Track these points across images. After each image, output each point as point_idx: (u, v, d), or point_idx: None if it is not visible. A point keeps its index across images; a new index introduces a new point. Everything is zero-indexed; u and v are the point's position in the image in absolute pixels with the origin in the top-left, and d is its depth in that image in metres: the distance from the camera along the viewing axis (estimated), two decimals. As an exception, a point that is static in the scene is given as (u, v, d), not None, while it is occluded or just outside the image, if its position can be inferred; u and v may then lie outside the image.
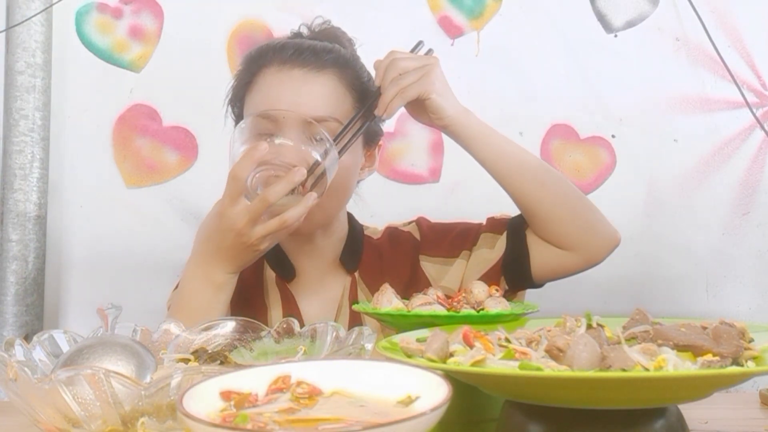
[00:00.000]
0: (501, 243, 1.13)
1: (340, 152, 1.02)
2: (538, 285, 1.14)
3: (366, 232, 1.21)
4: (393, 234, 1.21)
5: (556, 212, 1.07)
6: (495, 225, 1.16)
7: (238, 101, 1.14)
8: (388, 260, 1.17)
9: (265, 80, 1.08)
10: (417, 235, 1.19)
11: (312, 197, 0.96)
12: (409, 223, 1.23)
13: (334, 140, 1.02)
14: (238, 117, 1.14)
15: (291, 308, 1.13)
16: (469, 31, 1.69)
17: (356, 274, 1.15)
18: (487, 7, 1.69)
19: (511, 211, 1.14)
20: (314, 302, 1.14)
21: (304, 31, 1.19)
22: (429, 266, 1.16)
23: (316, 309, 1.14)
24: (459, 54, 1.69)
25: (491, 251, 1.13)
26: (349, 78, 1.10)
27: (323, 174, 0.99)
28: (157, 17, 1.69)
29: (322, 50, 1.10)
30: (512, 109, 1.67)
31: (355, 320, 1.11)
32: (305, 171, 0.95)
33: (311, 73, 1.07)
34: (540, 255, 1.10)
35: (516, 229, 1.13)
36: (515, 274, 1.11)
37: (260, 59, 1.11)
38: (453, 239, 1.17)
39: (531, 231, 1.11)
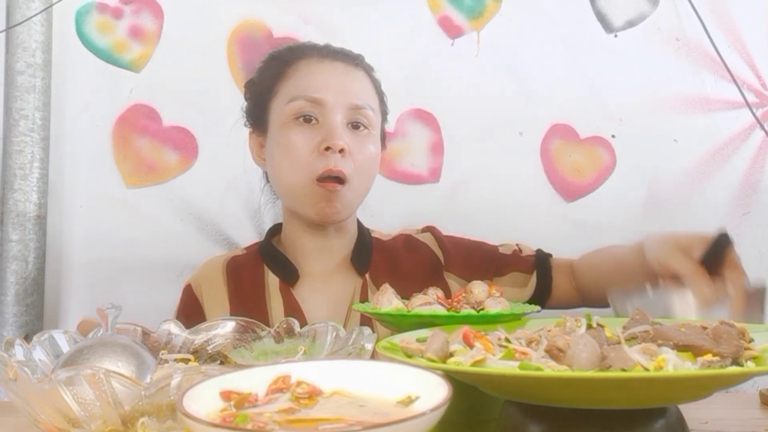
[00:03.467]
0: (532, 282, 1.16)
1: None
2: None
3: (373, 234, 1.21)
4: (409, 241, 1.21)
5: None
6: (524, 263, 1.18)
7: (266, 93, 1.16)
8: (405, 266, 1.16)
9: (309, 67, 1.13)
10: (436, 249, 1.19)
11: None
12: (423, 232, 1.23)
13: None
14: (259, 110, 1.16)
15: (295, 315, 1.12)
16: (469, 31, 1.69)
17: (367, 276, 1.14)
18: (487, 7, 1.69)
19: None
20: (322, 304, 1.12)
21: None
22: (456, 286, 1.15)
23: (323, 311, 1.11)
24: (459, 54, 1.69)
25: (523, 290, 1.16)
26: (374, 81, 1.17)
27: None
28: (157, 17, 1.69)
29: (353, 54, 1.18)
30: (512, 109, 1.67)
31: (364, 323, 1.10)
32: None
33: (350, 66, 1.15)
34: (558, 299, 1.15)
35: (543, 272, 1.17)
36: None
37: (293, 54, 1.16)
38: (480, 263, 1.18)
39: (558, 275, 1.16)
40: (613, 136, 1.67)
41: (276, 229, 1.22)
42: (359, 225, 1.20)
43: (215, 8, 1.69)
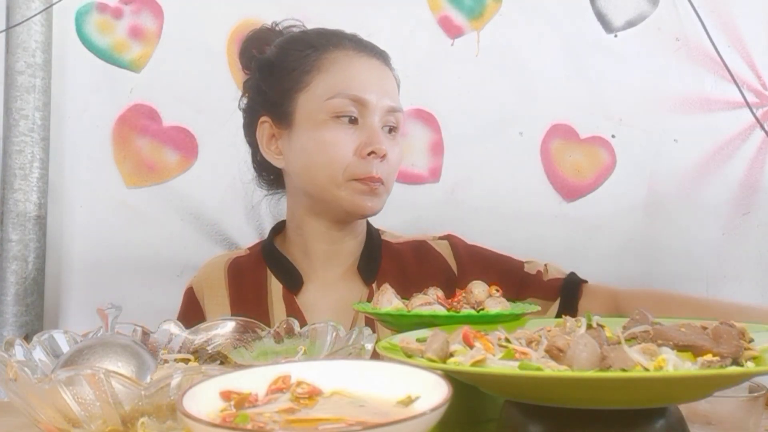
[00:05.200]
0: (553, 310, 1.08)
1: None
2: None
3: (383, 237, 1.17)
4: (422, 249, 1.15)
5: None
6: (545, 289, 1.10)
7: (293, 84, 1.08)
8: (415, 277, 1.10)
9: (349, 61, 1.07)
10: (451, 261, 1.13)
11: None
12: (440, 239, 1.17)
13: None
14: (284, 101, 1.08)
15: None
16: (469, 31, 1.69)
17: (374, 285, 1.10)
18: (487, 7, 1.69)
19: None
20: (326, 314, 1.08)
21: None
22: None
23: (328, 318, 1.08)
24: (459, 54, 1.69)
25: (542, 319, 1.11)
26: (397, 80, 1.14)
27: None
28: (157, 17, 1.69)
29: (381, 50, 1.13)
30: (512, 109, 1.67)
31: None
32: None
33: (383, 64, 1.11)
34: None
35: (569, 300, 1.08)
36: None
37: (326, 42, 1.09)
38: (497, 280, 1.03)
39: (590, 303, 1.07)
40: (613, 136, 1.67)
41: (279, 228, 1.18)
42: (368, 226, 1.16)
43: (215, 8, 1.69)
